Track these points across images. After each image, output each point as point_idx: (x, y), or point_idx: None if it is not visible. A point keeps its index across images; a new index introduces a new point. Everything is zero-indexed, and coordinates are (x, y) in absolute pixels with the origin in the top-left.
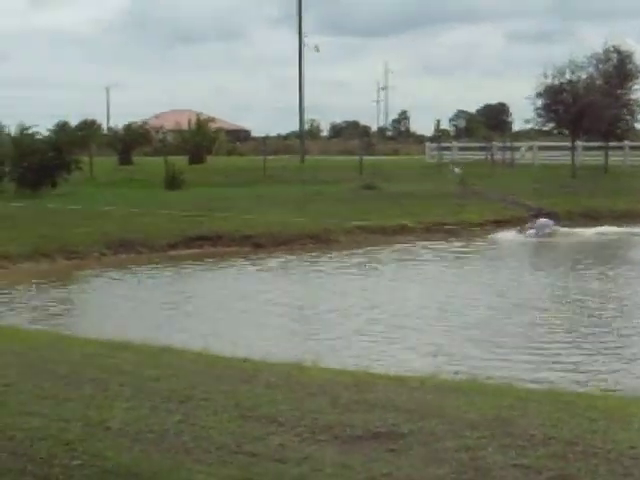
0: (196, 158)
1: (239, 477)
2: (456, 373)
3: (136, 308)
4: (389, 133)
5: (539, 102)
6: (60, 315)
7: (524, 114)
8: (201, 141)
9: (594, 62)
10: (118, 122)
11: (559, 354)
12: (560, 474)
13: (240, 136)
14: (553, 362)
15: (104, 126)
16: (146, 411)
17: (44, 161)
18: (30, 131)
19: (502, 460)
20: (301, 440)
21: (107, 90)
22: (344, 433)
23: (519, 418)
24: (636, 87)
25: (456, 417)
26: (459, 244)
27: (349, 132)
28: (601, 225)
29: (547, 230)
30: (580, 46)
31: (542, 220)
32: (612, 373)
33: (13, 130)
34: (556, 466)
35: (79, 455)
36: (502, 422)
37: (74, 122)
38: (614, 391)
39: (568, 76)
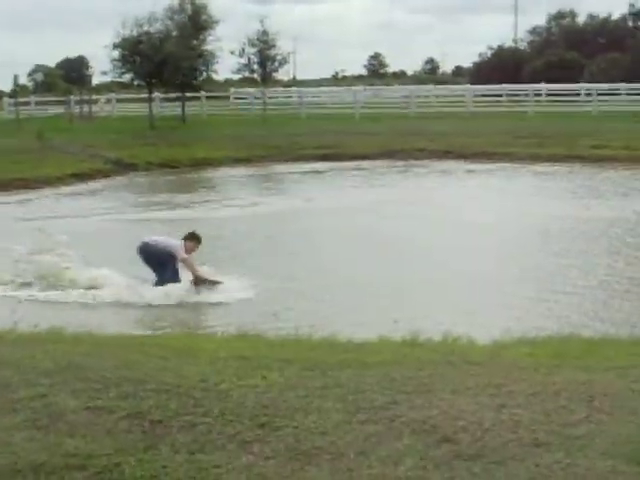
0: None
1: None
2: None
3: None
4: None
5: (116, 54)
6: None
7: (104, 67)
8: None
9: (169, 14)
10: None
11: None
12: (131, 412)
13: None
14: None
15: None
16: None
17: None
18: None
19: (75, 404)
20: None
21: None
22: None
23: (93, 363)
24: (211, 38)
25: (31, 367)
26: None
27: None
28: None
29: None
30: None
31: None
32: None
33: None
34: (128, 405)
35: None
36: (76, 368)
37: None
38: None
39: (146, 28)
